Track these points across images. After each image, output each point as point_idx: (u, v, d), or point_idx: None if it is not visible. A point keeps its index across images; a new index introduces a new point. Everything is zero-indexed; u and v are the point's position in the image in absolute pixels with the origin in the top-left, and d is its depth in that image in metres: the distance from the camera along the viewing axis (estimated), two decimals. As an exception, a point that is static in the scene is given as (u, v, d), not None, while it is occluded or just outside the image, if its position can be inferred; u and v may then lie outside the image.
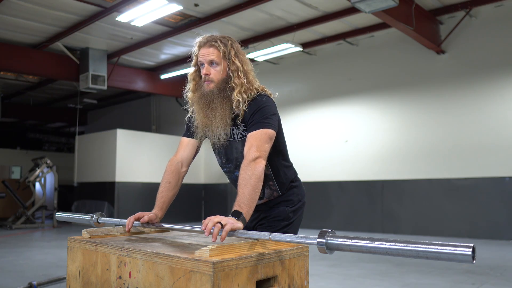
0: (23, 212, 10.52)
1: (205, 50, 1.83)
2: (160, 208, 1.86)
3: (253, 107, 1.80)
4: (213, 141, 1.89)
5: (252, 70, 1.89)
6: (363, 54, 9.21)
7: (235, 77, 1.82)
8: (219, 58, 1.82)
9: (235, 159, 1.90)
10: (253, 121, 1.77)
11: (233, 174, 1.94)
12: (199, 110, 1.86)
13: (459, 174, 7.75)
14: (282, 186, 1.94)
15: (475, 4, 7.39)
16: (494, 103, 7.53)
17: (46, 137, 18.87)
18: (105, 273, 1.54)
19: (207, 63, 1.83)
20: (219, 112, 1.81)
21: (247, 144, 1.73)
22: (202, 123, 1.86)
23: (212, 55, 1.82)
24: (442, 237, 7.49)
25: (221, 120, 1.81)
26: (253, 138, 1.73)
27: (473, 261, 1.02)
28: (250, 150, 1.70)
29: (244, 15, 7.82)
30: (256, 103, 1.81)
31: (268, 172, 1.90)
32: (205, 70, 1.83)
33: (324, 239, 1.23)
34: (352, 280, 4.33)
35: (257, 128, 1.75)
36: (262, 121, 1.76)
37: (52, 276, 4.25)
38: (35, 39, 9.10)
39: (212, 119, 1.82)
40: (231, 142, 1.88)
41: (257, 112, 1.78)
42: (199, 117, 1.87)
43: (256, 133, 1.74)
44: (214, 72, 1.83)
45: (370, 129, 8.97)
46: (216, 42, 1.82)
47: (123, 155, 10.72)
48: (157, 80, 11.24)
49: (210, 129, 1.85)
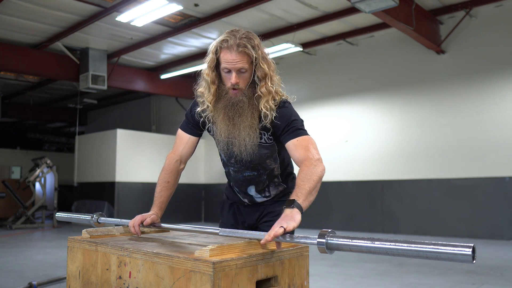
0: (23, 212, 10.52)
1: (233, 56, 1.66)
2: (159, 208, 1.86)
3: (284, 120, 1.72)
4: (239, 149, 1.78)
5: (276, 72, 1.78)
6: (363, 54, 9.21)
7: (263, 85, 1.70)
8: (248, 64, 1.68)
9: (248, 161, 1.84)
10: (292, 128, 1.71)
11: (241, 174, 1.90)
12: (224, 119, 1.74)
13: (459, 174, 7.74)
14: (286, 180, 1.95)
15: (475, 4, 7.39)
16: (494, 103, 7.53)
17: (46, 137, 18.87)
18: (105, 273, 1.54)
19: (235, 71, 1.68)
20: (249, 122, 1.72)
21: (300, 146, 1.67)
22: (227, 132, 1.75)
23: (241, 62, 1.67)
24: (442, 237, 7.49)
25: (250, 130, 1.72)
26: (306, 141, 1.68)
27: (473, 261, 1.02)
28: (310, 151, 1.64)
29: (244, 15, 7.81)
30: (286, 115, 1.73)
31: (277, 172, 1.91)
32: (234, 79, 1.68)
33: (324, 239, 1.23)
34: (352, 280, 4.33)
35: (300, 134, 1.70)
36: (301, 129, 1.72)
37: (52, 276, 4.25)
38: (35, 39, 9.10)
39: (241, 129, 1.73)
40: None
41: (291, 123, 1.71)
42: (223, 125, 1.75)
43: (303, 138, 1.69)
44: (243, 80, 1.70)
45: (370, 129, 8.97)
46: (246, 48, 1.66)
47: (123, 155, 10.72)
48: (157, 80, 11.24)
49: (237, 138, 1.75)
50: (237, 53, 1.65)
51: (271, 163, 1.88)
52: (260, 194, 1.94)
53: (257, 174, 1.89)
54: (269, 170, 1.89)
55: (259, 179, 1.90)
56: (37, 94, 13.84)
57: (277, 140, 1.80)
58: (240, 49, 1.65)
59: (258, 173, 1.88)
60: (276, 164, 1.89)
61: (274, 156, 1.86)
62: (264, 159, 1.85)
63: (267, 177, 1.90)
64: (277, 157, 1.87)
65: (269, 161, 1.87)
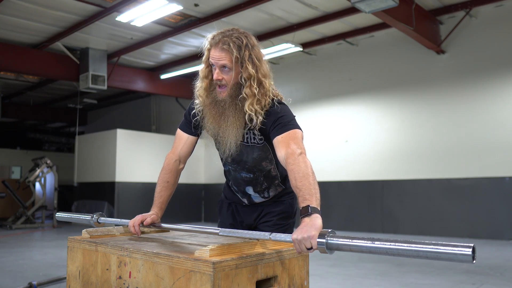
0: (23, 212, 10.52)
1: (217, 53, 1.68)
2: (159, 208, 1.85)
3: (272, 118, 1.70)
4: (224, 148, 1.79)
5: (268, 75, 1.75)
6: (363, 54, 9.21)
7: (247, 86, 1.69)
8: (231, 63, 1.67)
9: (243, 161, 1.85)
10: (278, 125, 1.68)
11: (239, 173, 1.91)
12: (210, 117, 1.77)
13: (459, 174, 7.74)
14: (284, 180, 1.94)
15: (475, 4, 7.38)
16: (494, 103, 7.53)
17: (46, 137, 18.86)
18: (105, 273, 1.54)
19: (218, 67, 1.70)
20: (231, 121, 1.71)
21: (283, 143, 1.63)
22: (215, 129, 1.77)
23: (224, 60, 1.67)
24: (442, 237, 7.49)
25: (232, 129, 1.72)
26: (288, 137, 1.64)
27: (473, 261, 1.02)
28: (291, 146, 1.59)
29: (244, 15, 7.82)
30: (274, 113, 1.70)
31: (275, 174, 1.90)
32: (217, 75, 1.70)
33: (324, 239, 1.23)
34: (352, 280, 4.33)
35: (286, 130, 1.66)
36: (288, 123, 1.68)
37: (52, 276, 4.25)
38: (35, 39, 9.10)
39: (224, 129, 1.73)
40: (242, 146, 1.81)
41: (277, 120, 1.68)
42: (211, 121, 1.77)
43: (288, 133, 1.65)
44: (226, 77, 1.70)
45: (370, 129, 8.97)
46: (228, 46, 1.66)
47: (123, 155, 10.72)
48: (157, 80, 11.24)
49: (222, 138, 1.76)
50: (220, 50, 1.68)
51: (267, 164, 1.87)
52: (258, 195, 1.94)
53: (253, 176, 1.89)
54: (265, 171, 1.88)
55: (256, 180, 1.90)
56: (37, 94, 13.84)
57: (268, 141, 1.77)
58: (223, 46, 1.67)
59: (254, 175, 1.88)
60: (272, 165, 1.88)
61: (270, 157, 1.85)
62: (259, 161, 1.84)
63: (264, 178, 1.89)
64: (272, 158, 1.86)
65: (264, 163, 1.86)
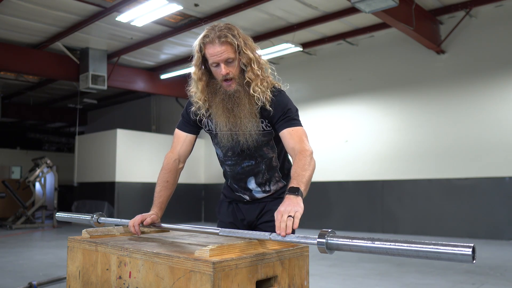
0: (23, 212, 10.53)
1: (217, 49, 1.70)
2: (159, 208, 1.86)
3: (279, 106, 1.77)
4: (244, 138, 1.80)
5: (261, 56, 1.81)
6: (363, 54, 9.21)
7: (249, 70, 1.74)
8: (234, 53, 1.71)
9: (246, 149, 1.86)
10: (287, 117, 1.77)
11: (240, 166, 1.91)
12: (224, 112, 1.76)
13: (459, 174, 7.74)
14: (286, 177, 1.95)
15: (475, 4, 7.39)
16: (494, 103, 7.53)
17: (46, 137, 18.86)
18: (105, 273, 1.54)
19: (223, 63, 1.71)
20: (248, 109, 1.75)
21: (296, 137, 1.73)
22: (229, 124, 1.78)
23: (226, 53, 1.70)
24: (442, 237, 7.49)
25: (251, 116, 1.76)
26: (300, 133, 1.75)
27: (473, 261, 1.02)
28: (305, 143, 1.72)
29: (244, 15, 7.81)
30: (281, 101, 1.78)
31: (276, 164, 1.93)
32: (224, 70, 1.72)
33: (324, 239, 1.23)
34: (352, 280, 4.33)
35: (295, 125, 1.76)
36: (296, 118, 1.78)
37: (52, 276, 4.25)
38: (35, 39, 9.10)
39: (242, 118, 1.76)
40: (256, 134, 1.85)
41: (286, 112, 1.77)
42: (223, 118, 1.77)
43: (298, 130, 1.76)
44: (233, 70, 1.73)
45: (370, 129, 8.97)
46: (226, 37, 1.69)
47: (123, 155, 10.72)
48: (157, 80, 11.24)
49: (240, 127, 1.78)
50: (220, 45, 1.69)
51: (269, 151, 1.89)
52: (260, 188, 1.94)
53: (255, 163, 1.90)
54: (266, 158, 1.90)
55: (257, 168, 1.90)
56: (37, 94, 13.84)
57: (273, 127, 1.84)
58: (222, 39, 1.69)
59: (256, 161, 1.90)
60: (274, 154, 1.90)
61: (271, 144, 1.88)
62: (261, 146, 1.86)
63: (265, 166, 1.90)
64: (274, 146, 1.89)
65: (266, 149, 1.88)
